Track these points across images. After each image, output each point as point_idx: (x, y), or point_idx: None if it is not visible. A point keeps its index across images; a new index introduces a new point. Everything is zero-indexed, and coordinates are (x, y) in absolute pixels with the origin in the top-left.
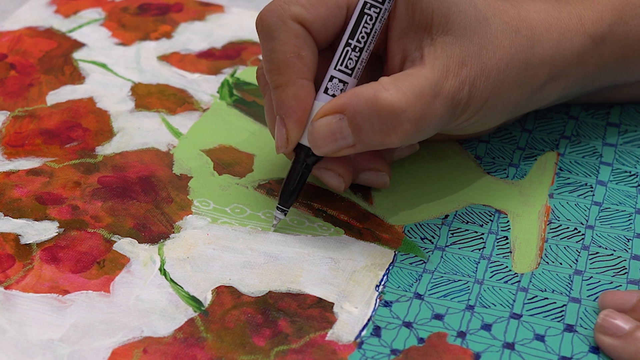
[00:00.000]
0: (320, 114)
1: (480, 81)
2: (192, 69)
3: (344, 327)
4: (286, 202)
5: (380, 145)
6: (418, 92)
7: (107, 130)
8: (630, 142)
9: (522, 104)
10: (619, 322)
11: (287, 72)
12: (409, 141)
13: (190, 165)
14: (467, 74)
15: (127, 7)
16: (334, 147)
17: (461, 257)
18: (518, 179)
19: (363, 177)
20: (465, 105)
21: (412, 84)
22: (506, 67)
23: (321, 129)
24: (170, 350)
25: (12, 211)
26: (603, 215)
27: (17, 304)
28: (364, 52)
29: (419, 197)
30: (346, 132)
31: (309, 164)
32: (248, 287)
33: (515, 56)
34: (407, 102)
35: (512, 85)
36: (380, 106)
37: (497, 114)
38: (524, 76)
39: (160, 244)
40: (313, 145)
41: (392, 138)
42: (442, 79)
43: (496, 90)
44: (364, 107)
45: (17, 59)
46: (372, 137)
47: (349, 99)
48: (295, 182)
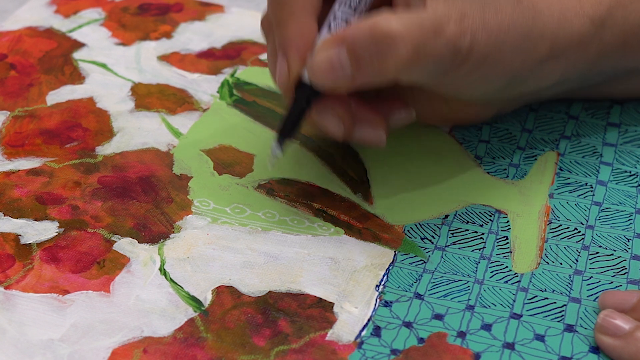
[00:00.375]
0: (320, 46)
1: (482, 36)
2: (192, 69)
3: (344, 327)
4: (286, 135)
5: (378, 74)
6: (418, 24)
7: (107, 130)
8: (630, 142)
9: (523, 74)
10: (619, 322)
11: (289, 6)
12: (406, 73)
13: (190, 165)
14: (469, 25)
15: (127, 7)
16: (333, 79)
17: (461, 257)
18: (518, 179)
19: (359, 133)
20: (466, 55)
21: (412, 16)
22: (508, 29)
23: (321, 60)
24: (170, 350)
25: (12, 211)
26: (603, 215)
27: (17, 304)
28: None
29: (419, 197)
30: (345, 63)
31: (309, 99)
32: (248, 287)
33: (517, 22)
34: (406, 29)
35: (514, 50)
36: (378, 32)
37: (499, 77)
38: (526, 44)
39: (160, 244)
40: (313, 77)
41: (389, 65)
42: (444, 22)
43: (498, 50)
44: (362, 35)
45: (17, 59)
46: (369, 65)
47: (349, 29)
48: (295, 119)
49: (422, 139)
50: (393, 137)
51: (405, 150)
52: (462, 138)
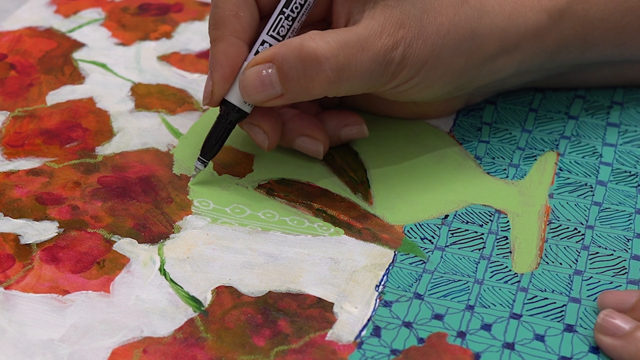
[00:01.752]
0: (251, 63)
1: (417, 44)
2: (192, 69)
3: (344, 327)
4: (206, 154)
5: (306, 93)
6: (343, 43)
7: (107, 130)
8: (630, 142)
9: (469, 73)
10: (619, 322)
11: (222, 28)
12: (334, 91)
13: (190, 165)
14: (404, 35)
15: (127, 7)
16: (263, 96)
17: (461, 257)
18: (518, 179)
19: (298, 143)
20: (399, 65)
21: (338, 36)
22: (447, 33)
23: (251, 77)
24: (170, 350)
25: (12, 211)
26: (603, 215)
27: (17, 304)
28: (295, 22)
29: (419, 198)
30: (275, 81)
31: (232, 120)
32: (248, 287)
33: (458, 24)
34: (330, 50)
35: (454, 52)
36: (304, 53)
37: (441, 79)
38: (468, 45)
39: (160, 244)
40: (243, 93)
41: (315, 85)
42: (374, 37)
43: (435, 55)
44: (290, 54)
45: (17, 59)
46: (297, 84)
47: (278, 48)
48: (218, 137)
49: (422, 139)
50: (393, 137)
51: (405, 150)
52: (462, 138)
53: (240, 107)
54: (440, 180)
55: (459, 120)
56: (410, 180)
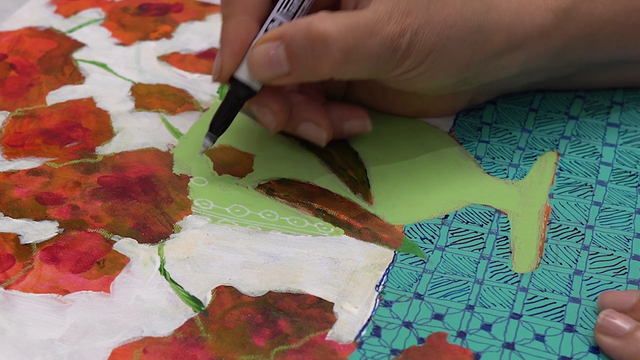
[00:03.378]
0: (260, 41)
1: (424, 32)
2: (192, 69)
3: (344, 327)
4: (216, 130)
5: (313, 73)
6: (352, 26)
7: (107, 130)
8: (630, 142)
9: (475, 66)
10: (619, 322)
11: (233, 5)
12: (341, 72)
13: (190, 165)
14: (411, 23)
15: (127, 7)
16: (271, 74)
17: (461, 257)
18: (518, 179)
19: (302, 128)
20: (405, 52)
21: (347, 19)
22: (454, 24)
23: (259, 55)
24: (170, 350)
25: (12, 211)
26: (603, 215)
27: (17, 304)
28: (306, 0)
29: (419, 198)
30: (282, 59)
31: (240, 97)
32: (248, 287)
33: (465, 16)
34: (339, 32)
35: (460, 43)
36: (313, 33)
37: (446, 70)
38: (475, 38)
39: (160, 244)
40: (251, 70)
41: (323, 65)
42: (382, 22)
43: (442, 44)
44: (299, 34)
45: (17, 59)
46: (304, 63)
47: (287, 27)
48: (227, 113)
49: (422, 139)
50: (393, 137)
51: (405, 150)
52: (462, 138)
53: (248, 85)
54: (440, 180)
55: (459, 120)
56: (410, 180)
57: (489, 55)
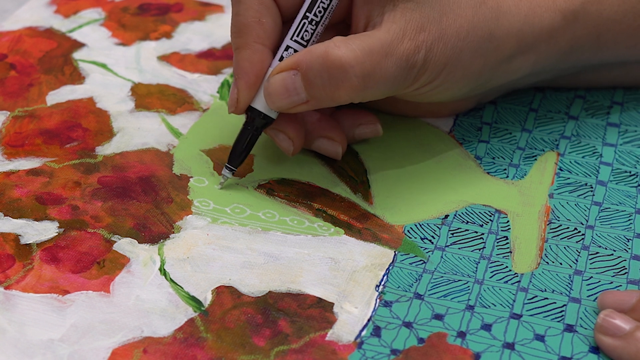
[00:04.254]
0: (276, 70)
1: (438, 47)
2: (192, 69)
3: (344, 327)
4: (234, 162)
5: (331, 100)
6: (367, 50)
7: (107, 130)
8: (630, 142)
9: (486, 74)
10: (619, 322)
11: (246, 36)
12: (359, 97)
13: (190, 165)
14: (425, 39)
15: (127, 7)
16: (288, 102)
17: (461, 257)
18: (518, 179)
19: (317, 144)
20: (421, 68)
21: (362, 43)
22: (466, 35)
23: (276, 85)
24: (170, 350)
25: (12, 211)
26: (603, 215)
27: (17, 304)
28: (319, 26)
29: (419, 198)
30: (299, 88)
31: (258, 127)
32: (248, 287)
33: (477, 26)
34: (356, 58)
35: (473, 54)
36: (329, 61)
37: (459, 81)
38: (486, 46)
39: (160, 244)
40: (268, 101)
41: (341, 93)
42: (397, 41)
43: (455, 57)
44: (315, 62)
45: (17, 59)
46: (322, 92)
47: (302, 55)
48: (245, 144)
49: (422, 139)
50: (393, 137)
51: (405, 150)
52: (462, 138)
53: (266, 114)
54: (440, 180)
55: (459, 120)
56: (410, 180)
57: (500, 60)
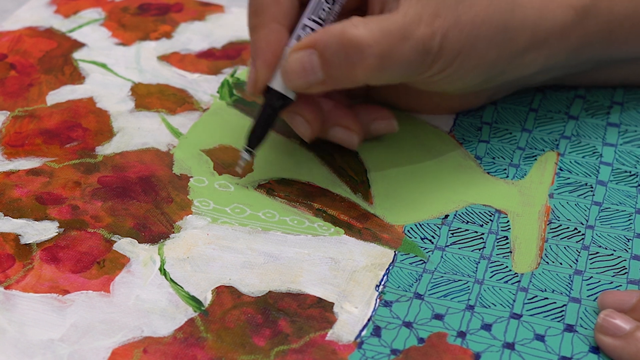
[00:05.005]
0: (293, 49)
1: (453, 33)
2: (192, 69)
3: (344, 327)
4: (253, 143)
5: (348, 79)
6: (386, 31)
7: (107, 130)
8: (630, 142)
9: (500, 65)
10: (619, 322)
11: (262, 15)
12: (375, 78)
13: (190, 165)
14: (440, 25)
15: (127, 7)
16: (305, 82)
17: (461, 257)
18: (518, 179)
19: (333, 133)
20: (436, 55)
21: (380, 24)
22: (482, 24)
23: (293, 63)
24: (170, 350)
25: (12, 211)
26: (603, 215)
27: (17, 304)
28: (336, 4)
29: (419, 197)
30: (316, 67)
31: (276, 107)
32: (248, 287)
33: (492, 15)
34: (373, 38)
35: (488, 43)
36: (347, 40)
37: (473, 70)
38: (501, 37)
39: (160, 244)
40: (286, 80)
41: (358, 71)
42: (414, 25)
43: (470, 45)
44: (332, 41)
45: (17, 59)
46: (339, 71)
47: (319, 34)
48: (263, 125)
49: (422, 139)
50: (393, 137)
51: (405, 150)
52: (462, 138)
53: (284, 94)
54: (440, 180)
55: (459, 120)
56: (410, 180)
57: (514, 53)
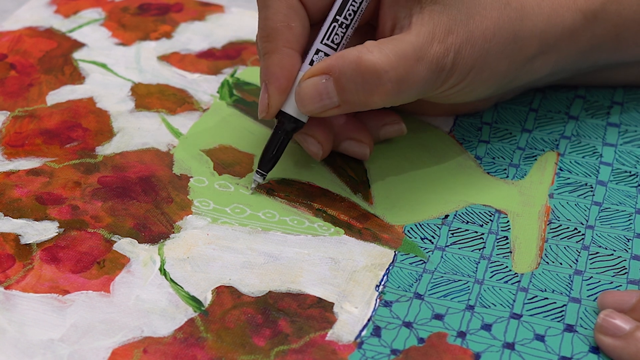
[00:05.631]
0: (307, 75)
1: (466, 49)
2: (192, 69)
3: (344, 327)
4: (265, 166)
5: (364, 105)
6: (401, 55)
7: (107, 130)
8: (630, 142)
9: (511, 74)
10: (619, 322)
11: (275, 40)
12: (392, 102)
13: (190, 165)
14: (453, 41)
15: (127, 7)
16: (320, 107)
17: (461, 257)
18: (518, 179)
19: (344, 146)
20: (450, 71)
21: (395, 47)
22: (493, 37)
23: (308, 89)
24: (170, 350)
25: (12, 211)
26: (603, 215)
27: (17, 304)
28: (349, 29)
29: (419, 198)
30: (332, 92)
31: (288, 130)
32: (248, 287)
33: (503, 27)
34: (390, 63)
35: (499, 55)
36: (363, 67)
37: (485, 83)
38: (512, 47)
39: (160, 244)
40: (300, 105)
41: (375, 98)
42: (427, 45)
43: (482, 59)
44: (348, 68)
45: (17, 59)
46: (355, 97)
47: (334, 60)
48: (276, 148)
49: (422, 139)
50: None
51: (405, 150)
52: (462, 138)
53: (297, 118)
54: (440, 180)
55: (459, 120)
56: (410, 180)
57: (524, 61)
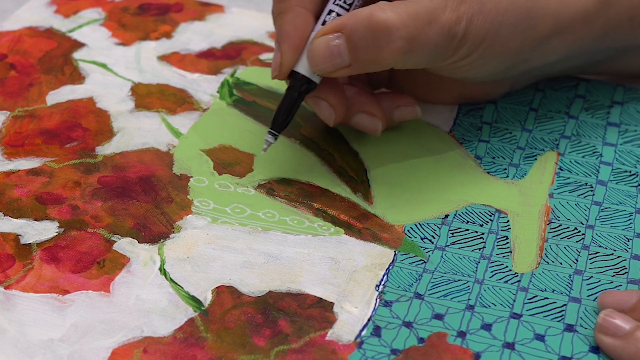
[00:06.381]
0: (320, 32)
1: (478, 19)
2: (192, 69)
3: (344, 327)
4: (277, 127)
5: (375, 63)
6: (413, 15)
7: (107, 130)
8: (630, 142)
9: (524, 53)
10: (619, 322)
11: (288, 0)
12: (402, 62)
13: (190, 165)
14: (465, 10)
15: (127, 7)
16: (331, 65)
17: (461, 257)
18: (518, 179)
19: (356, 120)
20: (461, 40)
21: (408, 7)
22: (505, 11)
23: (319, 47)
24: (170, 350)
25: (12, 211)
26: (603, 215)
27: (17, 304)
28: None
29: (419, 197)
30: (343, 51)
31: (301, 91)
32: (248, 287)
33: (516, 3)
34: (401, 21)
35: (511, 30)
36: (375, 23)
37: (497, 57)
38: (525, 24)
39: (160, 244)
40: (311, 63)
41: (385, 54)
42: (440, 10)
43: (494, 31)
44: (360, 25)
45: (17, 59)
46: (366, 54)
47: (347, 18)
48: (288, 108)
49: (422, 139)
50: (393, 137)
51: (405, 150)
52: (462, 138)
53: (309, 78)
54: (440, 180)
55: (459, 119)
56: (410, 180)
57: (537, 40)
